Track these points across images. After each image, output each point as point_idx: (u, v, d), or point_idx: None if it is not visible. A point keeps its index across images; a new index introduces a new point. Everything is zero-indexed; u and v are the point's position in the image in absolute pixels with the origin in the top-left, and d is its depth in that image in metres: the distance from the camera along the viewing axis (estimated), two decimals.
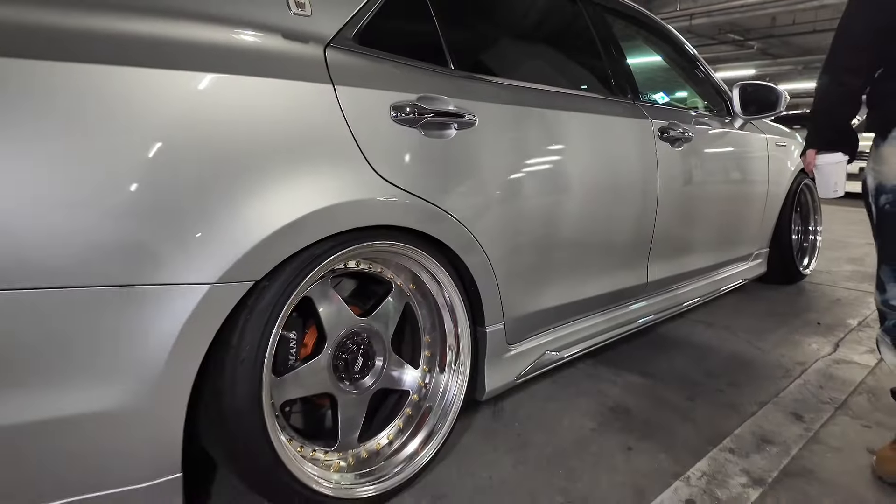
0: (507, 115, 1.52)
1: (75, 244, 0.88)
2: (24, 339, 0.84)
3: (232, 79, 1.04)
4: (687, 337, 2.48)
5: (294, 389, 1.22)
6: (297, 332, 1.25)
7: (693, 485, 1.41)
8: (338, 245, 1.16)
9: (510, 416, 1.74)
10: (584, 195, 1.74)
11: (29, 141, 0.84)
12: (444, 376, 1.48)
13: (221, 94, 1.02)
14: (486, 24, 1.80)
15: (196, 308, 0.97)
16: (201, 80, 1.00)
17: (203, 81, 1.00)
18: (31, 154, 0.85)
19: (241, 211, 1.01)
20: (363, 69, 1.25)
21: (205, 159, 0.99)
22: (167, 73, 0.96)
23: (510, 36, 1.87)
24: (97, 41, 0.93)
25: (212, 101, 1.01)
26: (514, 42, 1.87)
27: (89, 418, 0.90)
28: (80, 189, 0.88)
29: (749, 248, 2.93)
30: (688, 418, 1.75)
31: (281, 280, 1.09)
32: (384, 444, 1.39)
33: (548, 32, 2.03)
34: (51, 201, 0.86)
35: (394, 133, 1.25)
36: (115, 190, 0.91)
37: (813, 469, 1.49)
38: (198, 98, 1.00)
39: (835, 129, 1.52)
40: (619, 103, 1.98)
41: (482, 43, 1.74)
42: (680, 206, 2.23)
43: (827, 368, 2.14)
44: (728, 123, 2.61)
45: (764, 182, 2.85)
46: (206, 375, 1.04)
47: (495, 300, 1.53)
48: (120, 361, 0.92)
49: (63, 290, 0.87)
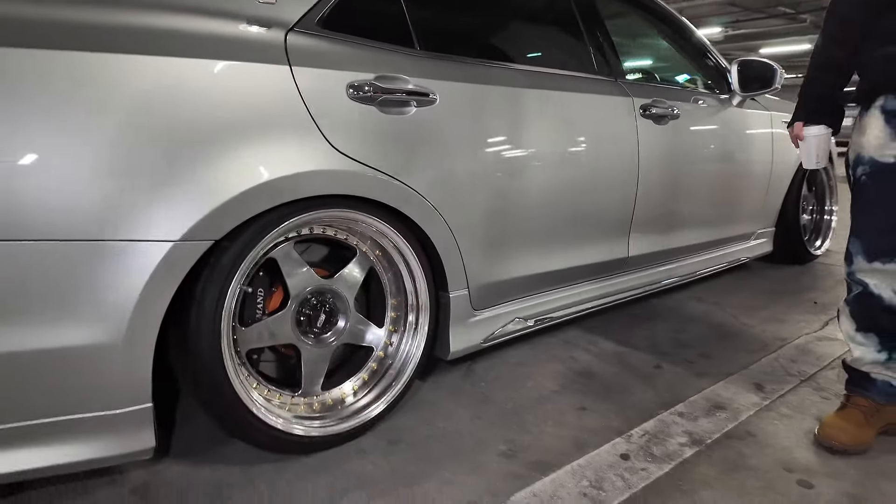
0: (469, 93, 1.61)
1: (57, 205, 1.04)
2: (8, 283, 1.01)
3: (198, 62, 1.18)
4: (673, 310, 2.53)
5: (259, 339, 1.38)
6: (263, 289, 1.40)
7: (633, 442, 1.50)
8: (294, 211, 1.30)
9: (479, 377, 1.86)
10: (549, 170, 1.82)
11: (20, 116, 1.00)
12: (404, 336, 1.61)
13: (188, 74, 1.16)
14: (456, 4, 1.88)
15: (160, 261, 1.12)
16: (171, 63, 1.15)
17: (172, 64, 1.15)
18: (23, 130, 1.01)
19: (202, 178, 1.16)
20: (321, 51, 1.37)
21: (171, 132, 1.13)
22: (141, 58, 1.11)
23: (482, 16, 1.94)
24: (77, 30, 1.08)
25: (180, 81, 1.15)
26: (485, 22, 1.94)
27: (68, 351, 1.07)
28: (61, 158, 1.04)
29: (750, 227, 2.93)
30: (649, 384, 1.83)
31: (240, 241, 1.24)
32: (348, 393, 1.54)
33: (523, 11, 2.09)
34: (35, 167, 1.02)
35: (350, 110, 1.37)
36: (90, 159, 1.06)
37: (756, 433, 1.55)
38: (168, 78, 1.14)
39: (817, 97, 1.52)
40: (596, 80, 2.03)
41: (451, 23, 1.83)
42: (665, 183, 2.27)
43: (806, 344, 2.16)
44: (726, 100, 2.61)
45: (767, 160, 2.84)
46: (175, 321, 1.21)
47: (458, 267, 1.64)
48: (95, 304, 1.08)
49: (44, 242, 1.03)
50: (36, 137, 1.02)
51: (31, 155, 1.02)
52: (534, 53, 2.01)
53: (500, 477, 1.35)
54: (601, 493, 1.29)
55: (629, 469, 1.38)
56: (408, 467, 1.38)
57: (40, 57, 1.03)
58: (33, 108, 1.02)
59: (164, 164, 1.12)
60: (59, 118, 1.04)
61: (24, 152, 1.01)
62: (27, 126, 1.01)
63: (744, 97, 2.63)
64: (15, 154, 1.00)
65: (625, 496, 1.29)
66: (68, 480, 1.29)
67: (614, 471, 1.38)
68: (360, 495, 1.28)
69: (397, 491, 1.29)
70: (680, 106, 2.29)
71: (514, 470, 1.38)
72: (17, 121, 1.00)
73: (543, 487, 1.31)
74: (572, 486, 1.32)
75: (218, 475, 1.34)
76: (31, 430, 1.07)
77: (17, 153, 1.01)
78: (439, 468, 1.38)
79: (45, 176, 1.03)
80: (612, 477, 1.35)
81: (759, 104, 2.83)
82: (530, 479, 1.34)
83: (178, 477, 1.33)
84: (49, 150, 1.03)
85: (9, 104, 1.00)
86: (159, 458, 1.39)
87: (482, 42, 1.86)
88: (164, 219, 1.13)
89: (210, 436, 1.47)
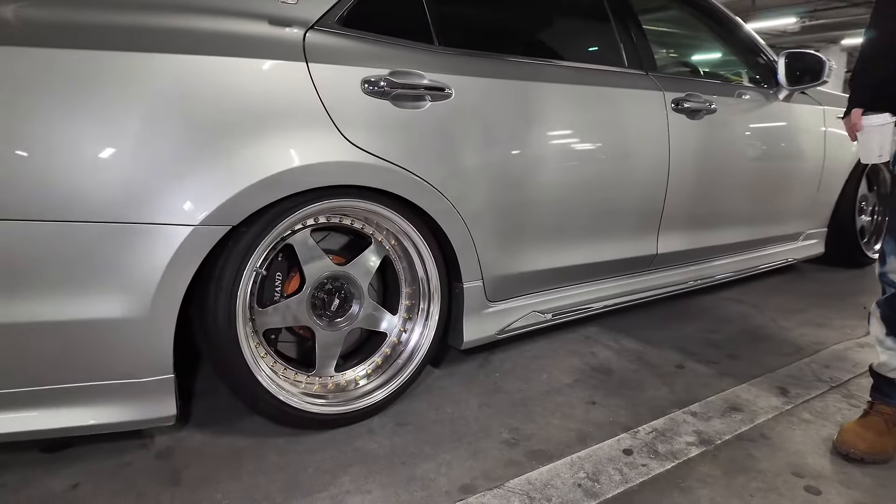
0: (486, 87, 1.64)
1: (92, 191, 1.15)
2: (45, 259, 1.13)
3: (220, 60, 1.27)
4: (707, 311, 2.47)
5: (276, 319, 1.47)
6: (281, 273, 1.49)
7: (639, 438, 1.50)
8: (308, 201, 1.38)
9: (494, 367, 1.90)
10: (568, 165, 1.82)
11: (65, 112, 1.12)
12: (416, 324, 1.66)
13: (212, 71, 1.26)
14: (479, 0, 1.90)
15: (182, 244, 1.22)
16: (196, 61, 1.24)
17: (197, 62, 1.24)
18: (69, 126, 1.13)
19: (221, 168, 1.25)
20: (338, 48, 1.43)
21: (193, 126, 1.23)
22: (168, 56, 1.21)
23: (505, 10, 1.95)
24: (115, 32, 1.19)
25: (204, 77, 1.25)
26: (508, 16, 1.95)
27: (98, 323, 1.19)
28: (97, 151, 1.15)
29: (798, 227, 2.80)
30: (667, 383, 1.81)
31: (256, 227, 1.33)
32: (361, 375, 1.61)
33: (548, 4, 2.09)
34: (76, 160, 1.14)
35: (364, 104, 1.43)
36: (121, 152, 1.17)
37: (770, 436, 1.51)
38: (193, 75, 1.24)
39: (870, 86, 1.45)
40: (623, 74, 2.01)
41: (471, 18, 1.85)
42: (699, 180, 2.22)
43: (845, 350, 2.07)
44: (772, 94, 2.51)
45: (818, 157, 2.71)
46: (197, 298, 1.31)
47: (472, 259, 1.68)
48: (122, 281, 1.20)
49: (80, 223, 1.15)
50: (76, 134, 1.14)
51: (73, 149, 1.14)
52: (557, 47, 2.00)
53: (499, 463, 1.38)
54: (596, 486, 1.30)
55: (629, 464, 1.39)
56: (410, 448, 1.44)
57: (78, 57, 1.14)
58: (74, 105, 1.13)
59: (186, 155, 1.22)
60: (95, 115, 1.15)
61: (68, 147, 1.13)
62: (69, 122, 1.13)
63: (791, 91, 2.51)
64: (60, 148, 1.12)
65: (620, 490, 1.29)
66: (104, 443, 1.43)
67: (614, 465, 1.38)
68: (361, 470, 1.35)
69: (396, 468, 1.35)
70: (718, 100, 2.23)
71: (513, 457, 1.41)
72: (58, 116, 1.12)
73: (539, 476, 1.34)
74: (568, 476, 1.34)
75: (235, 445, 1.44)
76: (64, 393, 1.20)
77: (62, 148, 1.13)
78: (441, 451, 1.43)
79: (82, 166, 1.15)
80: (611, 471, 1.36)
81: (811, 98, 2.70)
82: (528, 467, 1.37)
83: (199, 444, 1.44)
84: (87, 146, 1.15)
85: (52, 101, 1.12)
86: (183, 427, 1.51)
87: (504, 36, 1.87)
88: (186, 205, 1.23)
89: (231, 409, 1.58)
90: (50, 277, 1.15)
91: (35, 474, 1.31)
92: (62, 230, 1.14)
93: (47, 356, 1.18)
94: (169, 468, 1.35)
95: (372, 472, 1.34)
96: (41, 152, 1.11)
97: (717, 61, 2.76)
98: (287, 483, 1.30)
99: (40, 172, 1.12)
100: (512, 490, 1.28)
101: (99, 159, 1.16)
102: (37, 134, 1.11)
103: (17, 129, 1.10)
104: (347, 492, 1.27)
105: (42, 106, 1.11)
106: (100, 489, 1.27)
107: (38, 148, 1.11)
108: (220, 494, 1.26)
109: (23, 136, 1.10)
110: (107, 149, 1.16)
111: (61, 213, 1.14)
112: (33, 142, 1.11)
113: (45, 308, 1.15)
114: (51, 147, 1.12)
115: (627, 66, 2.06)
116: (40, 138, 1.11)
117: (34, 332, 1.15)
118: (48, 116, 1.11)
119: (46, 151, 1.12)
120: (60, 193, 1.13)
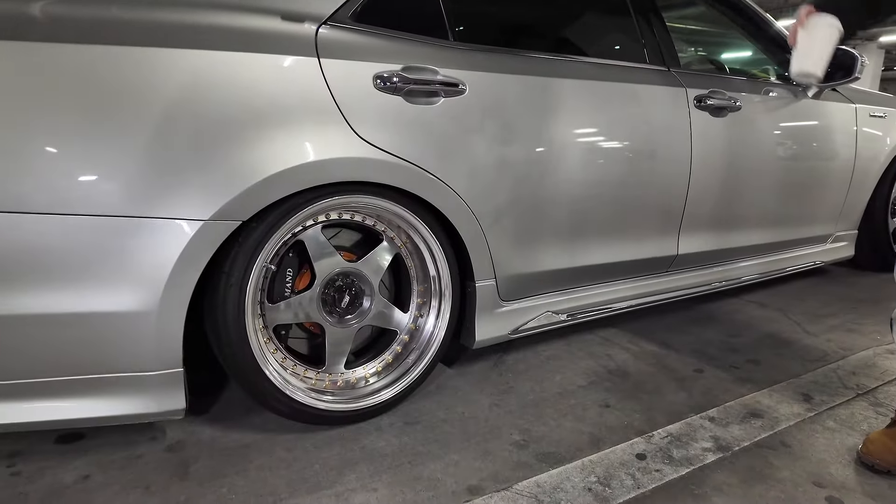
0: (501, 83, 1.61)
1: (104, 185, 1.16)
2: (58, 251, 1.15)
3: (232, 55, 1.27)
4: (730, 314, 2.40)
5: (286, 315, 1.46)
6: (292, 269, 1.49)
7: (653, 443, 1.46)
8: (317, 197, 1.37)
9: (507, 368, 1.87)
10: (585, 164, 1.79)
11: (74, 105, 1.14)
12: (428, 323, 1.65)
13: (224, 66, 1.26)
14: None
15: (192, 238, 1.23)
16: (207, 56, 1.24)
17: (209, 57, 1.24)
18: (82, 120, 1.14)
19: (231, 164, 1.25)
20: (350, 43, 1.42)
21: (205, 122, 1.23)
22: (182, 52, 1.21)
23: (522, 5, 1.92)
24: (127, 27, 1.20)
25: (215, 73, 1.25)
26: (525, 11, 1.92)
27: (109, 316, 1.20)
28: (110, 144, 1.16)
29: (826, 229, 2.71)
30: (685, 387, 1.76)
31: (266, 222, 1.33)
32: (371, 373, 1.60)
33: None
34: (87, 152, 1.15)
35: (376, 100, 1.42)
36: (134, 147, 1.18)
37: (791, 444, 1.46)
38: (204, 70, 1.24)
39: None
40: (643, 70, 1.96)
41: (487, 13, 1.82)
42: (722, 179, 2.16)
43: (874, 357, 1.99)
44: (801, 92, 2.43)
45: (849, 157, 2.62)
46: (207, 292, 1.32)
47: (484, 257, 1.66)
48: (132, 274, 1.20)
49: (91, 217, 1.16)
50: (89, 129, 1.15)
51: (87, 144, 1.15)
52: (574, 42, 1.97)
53: (508, 465, 1.36)
54: (607, 490, 1.27)
55: (642, 469, 1.35)
56: (418, 447, 1.42)
57: (93, 52, 1.15)
58: (89, 101, 1.14)
59: (197, 150, 1.22)
60: (109, 111, 1.16)
61: (82, 142, 1.14)
62: (84, 117, 1.14)
63: (821, 88, 2.43)
64: (73, 143, 1.14)
65: (631, 495, 1.26)
66: (116, 436, 1.44)
67: (626, 469, 1.35)
68: (367, 468, 1.34)
69: (403, 467, 1.34)
70: (743, 97, 2.16)
71: (523, 459, 1.38)
72: (73, 112, 1.13)
73: (549, 479, 1.31)
74: (578, 480, 1.31)
75: (245, 439, 1.45)
76: (76, 385, 1.22)
77: (75, 143, 1.14)
78: (449, 451, 1.41)
79: (95, 161, 1.16)
80: (623, 475, 1.32)
81: (842, 96, 2.61)
82: (538, 470, 1.34)
83: (209, 438, 1.45)
84: (100, 141, 1.15)
85: (67, 96, 1.13)
86: (195, 421, 1.51)
87: (520, 31, 1.84)
88: (197, 200, 1.23)
89: (242, 405, 1.59)
90: (62, 270, 1.16)
91: (49, 464, 1.33)
92: (75, 224, 1.15)
93: (59, 347, 1.19)
94: (178, 461, 1.35)
95: (378, 471, 1.33)
96: (55, 147, 1.13)
97: (744, 58, 2.68)
98: (293, 479, 1.30)
99: (54, 167, 1.13)
100: (520, 492, 1.26)
101: (112, 154, 1.17)
102: (51, 129, 1.12)
103: (32, 125, 1.11)
104: (353, 489, 1.26)
105: (57, 101, 1.12)
106: (110, 481, 1.28)
107: (53, 143, 1.13)
108: (227, 489, 1.26)
109: (37, 131, 1.11)
110: (120, 144, 1.17)
111: (74, 206, 1.15)
112: (47, 137, 1.12)
113: (57, 300, 1.16)
114: (64, 142, 1.13)
115: (648, 61, 2.01)
116: (54, 133, 1.13)
117: (46, 323, 1.16)
118: (63, 112, 1.13)
119: (60, 146, 1.13)
120: (74, 187, 1.15)
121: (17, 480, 1.28)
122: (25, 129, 1.11)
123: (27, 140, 1.11)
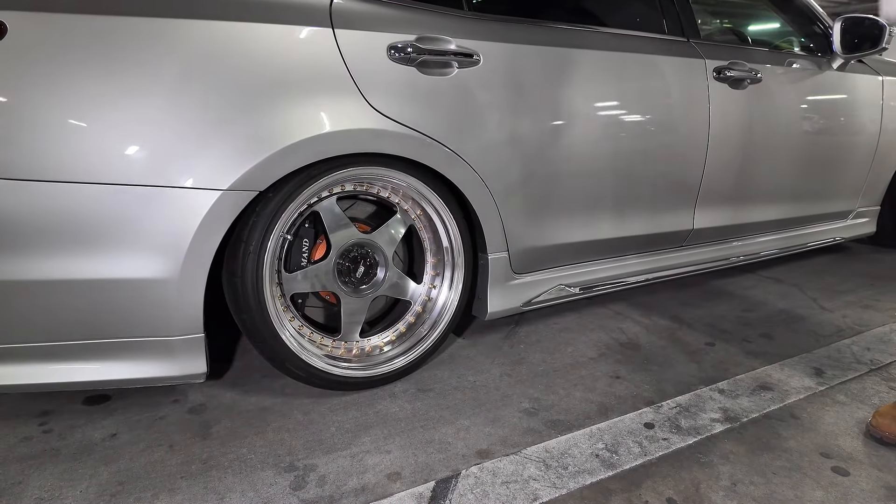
0: (516, 53, 1.61)
1: (127, 155, 1.20)
2: (82, 219, 1.19)
3: (248, 26, 1.28)
4: (745, 289, 2.40)
5: (302, 284, 1.50)
6: (308, 239, 1.52)
7: (661, 412, 1.48)
8: (332, 168, 1.39)
9: (519, 339, 1.90)
10: (600, 136, 1.78)
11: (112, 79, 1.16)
12: (441, 294, 1.67)
13: (239, 37, 1.27)
14: None
15: (211, 208, 1.26)
16: (223, 27, 1.26)
17: (224, 27, 1.26)
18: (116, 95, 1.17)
19: (247, 135, 1.27)
20: (365, 13, 1.43)
21: (220, 94, 1.25)
22: (198, 22, 1.23)
23: None
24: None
25: (231, 43, 1.26)
26: None
27: (132, 282, 1.24)
28: (130, 115, 1.19)
29: (847, 205, 2.67)
30: (695, 360, 1.77)
31: (283, 192, 1.36)
32: (385, 341, 1.64)
33: None
34: (109, 123, 1.18)
35: (390, 71, 1.43)
36: (153, 120, 1.20)
37: (800, 416, 1.47)
38: (220, 40, 1.25)
39: None
40: (661, 40, 1.93)
41: None
42: (740, 152, 2.14)
43: (889, 333, 1.98)
44: (825, 63, 2.37)
45: (872, 131, 2.56)
46: (226, 260, 1.36)
47: (497, 230, 1.67)
48: (154, 242, 1.24)
49: (117, 185, 1.20)
50: (110, 101, 1.17)
51: (108, 115, 1.17)
52: (590, 12, 1.94)
53: (518, 431, 1.39)
54: (614, 457, 1.30)
55: (650, 437, 1.37)
56: (430, 412, 1.46)
57: (111, 23, 1.17)
58: (108, 72, 1.17)
59: (214, 121, 1.25)
60: (128, 83, 1.18)
61: (103, 113, 1.17)
62: (103, 89, 1.17)
63: (846, 59, 2.37)
64: (95, 113, 1.16)
65: (638, 462, 1.29)
66: (141, 398, 1.50)
67: (634, 437, 1.37)
68: (381, 431, 1.38)
69: (415, 431, 1.38)
70: (764, 69, 2.12)
71: (532, 426, 1.41)
72: (94, 83, 1.16)
73: (557, 445, 1.34)
74: (586, 446, 1.34)
75: (263, 402, 1.50)
76: (102, 348, 1.27)
77: (97, 114, 1.17)
78: (460, 417, 1.45)
79: (116, 131, 1.18)
80: (630, 443, 1.35)
81: (868, 67, 2.55)
82: (546, 436, 1.37)
83: (230, 401, 1.50)
84: (121, 112, 1.18)
85: (87, 67, 1.15)
86: (215, 385, 1.57)
87: (535, 1, 1.82)
88: (215, 171, 1.26)
89: (262, 370, 1.64)
90: (88, 238, 1.20)
91: (78, 423, 1.40)
92: (98, 192, 1.19)
93: (85, 312, 1.24)
94: (200, 422, 1.41)
95: (392, 434, 1.37)
96: (77, 118, 1.16)
97: (770, 30, 2.62)
98: (309, 440, 1.35)
99: (77, 137, 1.16)
100: (528, 457, 1.29)
101: (132, 125, 1.19)
102: (73, 100, 1.15)
103: (55, 96, 1.14)
104: (367, 451, 1.31)
105: (78, 73, 1.15)
106: (136, 439, 1.34)
107: (75, 113, 1.16)
108: (246, 449, 1.31)
109: (61, 102, 1.14)
110: (139, 115, 1.20)
111: (97, 175, 1.18)
112: (70, 108, 1.15)
113: (82, 266, 1.20)
114: (86, 112, 1.16)
115: (667, 32, 1.98)
116: (76, 104, 1.16)
117: (72, 288, 1.21)
118: (85, 83, 1.15)
119: (82, 117, 1.16)
120: (97, 157, 1.18)
121: (49, 437, 1.35)
122: (46, 101, 1.14)
123: (49, 112, 1.14)
